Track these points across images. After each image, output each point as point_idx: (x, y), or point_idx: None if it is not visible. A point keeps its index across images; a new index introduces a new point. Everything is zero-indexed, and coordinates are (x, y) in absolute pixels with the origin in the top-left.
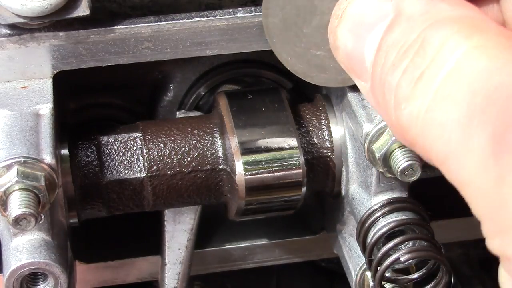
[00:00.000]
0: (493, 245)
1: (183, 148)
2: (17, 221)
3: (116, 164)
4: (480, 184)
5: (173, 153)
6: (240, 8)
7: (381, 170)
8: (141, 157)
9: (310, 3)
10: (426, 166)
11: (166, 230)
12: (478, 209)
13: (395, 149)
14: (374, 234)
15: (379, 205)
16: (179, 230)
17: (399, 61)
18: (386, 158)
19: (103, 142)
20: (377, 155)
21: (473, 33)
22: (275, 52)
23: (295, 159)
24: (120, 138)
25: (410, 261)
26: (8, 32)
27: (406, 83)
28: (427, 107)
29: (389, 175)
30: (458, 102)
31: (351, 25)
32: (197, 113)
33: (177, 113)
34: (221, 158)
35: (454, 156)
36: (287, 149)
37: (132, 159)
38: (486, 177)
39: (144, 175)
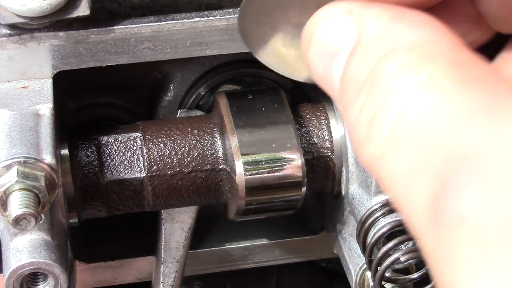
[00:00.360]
0: None
1: (183, 148)
2: (17, 221)
3: (116, 164)
4: (424, 243)
5: (173, 153)
6: None
7: None
8: (141, 157)
9: (286, 19)
10: None
11: (163, 228)
12: (428, 263)
13: None
14: (374, 234)
15: (379, 205)
16: (177, 228)
17: (356, 97)
18: None
19: (103, 142)
20: None
21: (424, 66)
22: (257, 58)
23: (295, 159)
24: (120, 138)
25: (410, 261)
26: (8, 32)
27: (362, 123)
28: (381, 154)
29: None
30: (404, 153)
31: (318, 51)
32: (199, 112)
33: (179, 111)
34: (221, 158)
35: (403, 210)
36: (287, 149)
37: (132, 159)
38: (427, 240)
39: (144, 175)
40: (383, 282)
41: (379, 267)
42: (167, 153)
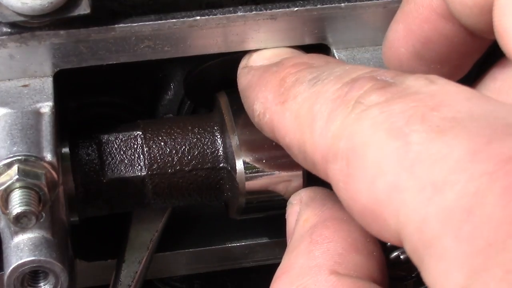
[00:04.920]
0: None
1: (184, 147)
2: (17, 219)
3: (117, 162)
4: None
5: (174, 151)
6: (241, 7)
7: None
8: (141, 156)
9: None
10: None
11: (131, 227)
12: None
13: None
14: None
15: None
16: (144, 229)
17: None
18: None
19: (103, 140)
20: None
21: None
22: None
23: None
24: (120, 137)
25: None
26: (9, 30)
27: None
28: None
29: None
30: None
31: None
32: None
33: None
34: (221, 157)
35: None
36: None
37: (133, 157)
38: None
39: (145, 173)
40: None
41: None
42: (167, 152)
